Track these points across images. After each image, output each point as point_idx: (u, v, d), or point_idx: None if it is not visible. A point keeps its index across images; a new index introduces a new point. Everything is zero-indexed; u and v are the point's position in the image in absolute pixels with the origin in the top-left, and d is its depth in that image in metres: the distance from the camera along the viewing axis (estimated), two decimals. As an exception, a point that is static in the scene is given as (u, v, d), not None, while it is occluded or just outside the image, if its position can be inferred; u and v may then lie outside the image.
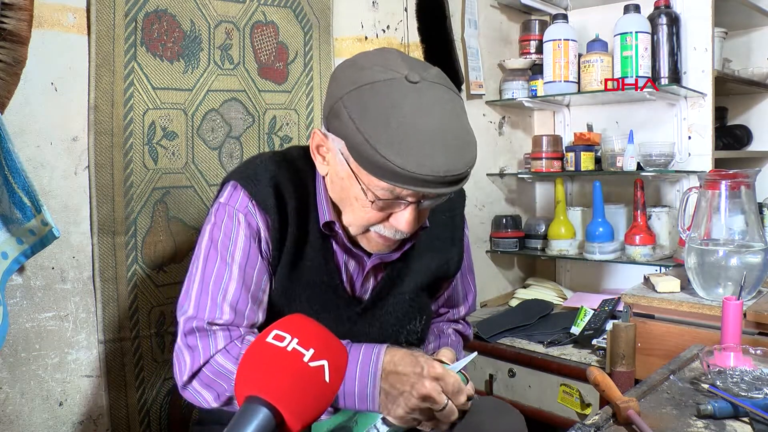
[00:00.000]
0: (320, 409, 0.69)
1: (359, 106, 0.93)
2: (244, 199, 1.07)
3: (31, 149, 1.30)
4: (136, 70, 1.43)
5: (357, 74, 0.96)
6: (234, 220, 1.06)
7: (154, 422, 1.49)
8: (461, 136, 0.97)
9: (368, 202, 0.98)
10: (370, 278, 1.17)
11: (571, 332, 1.95)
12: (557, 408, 1.82)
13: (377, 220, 1.02)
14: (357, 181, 0.97)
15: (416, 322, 1.20)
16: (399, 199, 0.97)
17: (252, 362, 0.69)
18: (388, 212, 1.01)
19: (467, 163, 0.96)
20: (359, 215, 1.02)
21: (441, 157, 0.92)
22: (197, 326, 1.02)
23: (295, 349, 0.69)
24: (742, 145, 2.63)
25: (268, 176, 1.08)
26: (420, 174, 0.91)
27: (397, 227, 1.02)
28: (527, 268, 2.67)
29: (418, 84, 0.94)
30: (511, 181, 2.56)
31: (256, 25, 1.65)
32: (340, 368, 0.72)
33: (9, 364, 1.28)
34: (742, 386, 0.98)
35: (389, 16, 2.03)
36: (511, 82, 2.39)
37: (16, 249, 1.22)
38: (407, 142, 0.91)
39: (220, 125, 1.59)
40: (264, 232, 1.07)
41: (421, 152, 0.91)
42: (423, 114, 0.93)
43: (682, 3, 2.20)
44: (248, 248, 1.06)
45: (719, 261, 1.50)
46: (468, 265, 1.36)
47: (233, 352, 1.00)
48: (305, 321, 0.74)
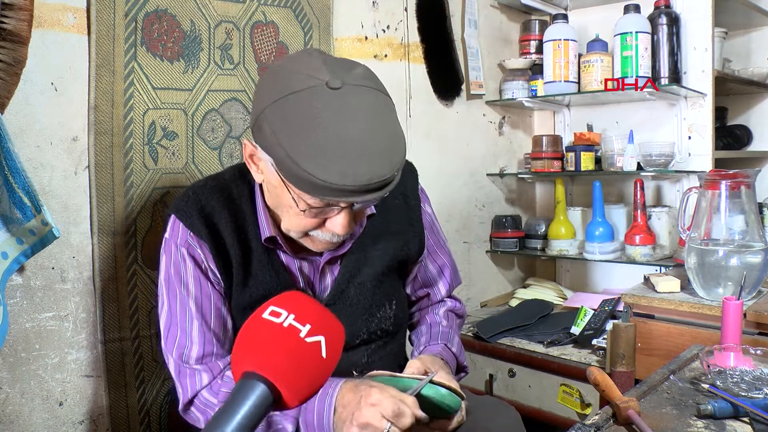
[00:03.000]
0: (317, 385, 0.70)
1: (280, 119, 0.93)
2: (183, 233, 1.11)
3: (31, 149, 1.30)
4: (136, 70, 1.43)
5: (278, 84, 0.96)
6: (180, 256, 1.11)
7: (154, 422, 1.49)
8: (386, 140, 0.96)
9: (300, 211, 1.00)
10: (327, 274, 1.18)
11: (571, 332, 1.95)
12: (557, 408, 1.82)
13: (313, 225, 1.04)
14: (288, 191, 0.99)
15: (386, 309, 1.22)
16: (330, 206, 0.99)
17: (248, 338, 0.69)
18: (323, 218, 1.02)
19: (393, 167, 0.95)
20: (295, 222, 1.04)
21: (364, 166, 0.91)
22: (178, 365, 1.11)
23: (292, 324, 0.69)
24: (742, 145, 2.63)
25: (198, 207, 1.11)
26: (344, 185, 0.91)
27: (333, 231, 1.03)
28: (527, 268, 2.67)
29: (341, 90, 0.93)
30: (511, 181, 2.56)
31: (256, 25, 1.65)
32: (336, 344, 0.72)
33: (9, 364, 1.28)
34: (742, 386, 0.98)
35: (389, 16, 2.03)
36: (511, 82, 2.39)
37: (16, 249, 1.22)
38: (329, 154, 0.90)
39: (221, 125, 1.59)
40: (208, 262, 1.11)
41: (343, 162, 0.91)
42: (345, 121, 0.92)
43: (682, 3, 2.20)
44: (198, 281, 1.11)
45: (719, 261, 1.50)
46: (436, 242, 1.35)
47: (215, 389, 1.09)
48: (301, 297, 0.74)
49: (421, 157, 2.14)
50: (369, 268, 1.19)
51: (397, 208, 1.24)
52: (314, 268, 1.17)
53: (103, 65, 1.38)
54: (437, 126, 2.22)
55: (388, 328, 1.23)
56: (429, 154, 2.19)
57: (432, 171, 2.20)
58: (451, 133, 2.27)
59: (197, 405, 1.09)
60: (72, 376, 1.38)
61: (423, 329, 1.32)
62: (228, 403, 0.64)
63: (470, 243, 2.39)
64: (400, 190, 1.23)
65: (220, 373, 1.10)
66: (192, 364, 1.10)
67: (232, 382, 1.07)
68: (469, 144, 2.35)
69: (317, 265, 1.17)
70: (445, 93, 2.23)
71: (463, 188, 2.34)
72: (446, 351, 1.24)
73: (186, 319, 1.10)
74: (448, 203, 2.28)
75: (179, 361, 1.10)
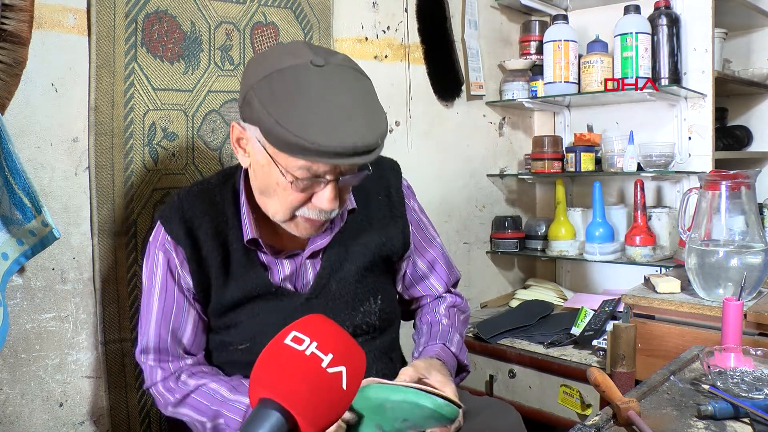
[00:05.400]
0: (335, 417, 0.68)
1: (269, 92, 0.98)
2: (162, 237, 1.17)
3: (32, 150, 1.30)
4: (136, 71, 1.43)
5: (265, 64, 1.01)
6: (155, 259, 1.17)
7: (155, 423, 1.49)
8: (369, 111, 1.02)
9: (288, 184, 1.02)
10: (308, 270, 1.20)
11: (571, 333, 1.95)
12: (558, 409, 1.82)
13: (300, 201, 1.06)
14: (275, 165, 1.02)
15: (370, 303, 1.23)
16: (317, 177, 1.02)
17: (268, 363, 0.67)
18: (309, 193, 1.05)
19: (378, 135, 1.00)
20: (283, 199, 1.06)
21: (349, 130, 0.96)
22: (138, 356, 1.20)
23: (314, 353, 0.67)
24: (742, 146, 2.63)
25: (180, 213, 1.16)
26: (330, 146, 0.94)
27: (319, 206, 1.05)
28: (527, 269, 2.67)
29: (324, 67, 0.99)
30: (512, 182, 2.56)
31: (256, 26, 1.65)
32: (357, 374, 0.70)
33: (9, 365, 1.28)
34: (743, 387, 0.98)
35: (389, 16, 2.03)
36: (511, 82, 2.39)
37: (17, 250, 1.22)
38: (316, 120, 0.96)
39: (221, 126, 1.59)
40: (180, 268, 1.16)
41: (329, 127, 0.96)
42: (330, 93, 0.98)
43: (682, 4, 2.20)
44: (165, 285, 1.17)
45: (719, 262, 1.50)
46: (424, 237, 1.34)
47: (166, 387, 1.17)
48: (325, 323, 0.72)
49: (421, 157, 2.15)
50: (350, 263, 1.21)
51: (379, 203, 1.26)
52: (295, 264, 1.19)
53: (104, 66, 1.38)
54: (437, 127, 2.22)
55: (374, 323, 1.23)
56: (429, 154, 2.19)
57: (432, 172, 2.21)
58: (452, 134, 2.28)
59: (154, 393, 1.19)
60: (72, 377, 1.38)
61: (423, 329, 1.31)
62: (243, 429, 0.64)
63: (470, 244, 2.39)
64: (383, 185, 1.26)
65: (171, 375, 1.17)
66: (149, 359, 1.18)
67: (187, 388, 1.15)
68: (469, 145, 2.35)
69: (299, 261, 1.19)
70: (446, 94, 2.23)
71: (464, 189, 2.34)
72: (444, 351, 1.23)
73: (149, 316, 1.18)
74: (448, 204, 2.28)
75: (139, 353, 1.20)
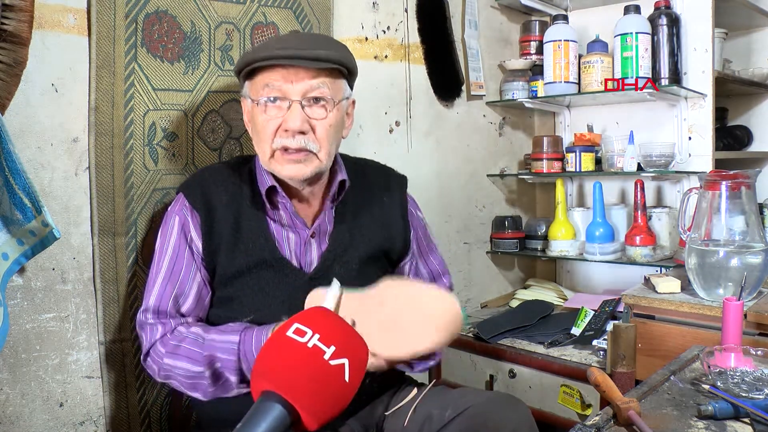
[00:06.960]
0: (338, 408, 0.67)
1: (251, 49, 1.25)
2: (180, 203, 1.28)
3: (32, 150, 1.30)
4: (136, 71, 1.43)
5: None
6: (171, 224, 1.27)
7: (155, 423, 1.49)
8: (327, 40, 1.26)
9: (262, 107, 1.20)
10: (313, 248, 1.29)
11: (571, 333, 1.95)
12: (558, 409, 1.82)
13: (274, 127, 1.20)
14: (251, 101, 1.23)
15: None
16: (283, 97, 1.19)
17: (271, 356, 0.67)
18: (281, 116, 1.19)
19: (325, 48, 1.19)
20: (262, 129, 1.21)
21: (294, 41, 1.20)
22: (140, 319, 1.24)
23: (316, 345, 0.67)
24: (742, 146, 2.63)
25: (200, 182, 1.29)
26: (275, 53, 1.17)
27: (286, 126, 1.18)
28: (527, 269, 2.67)
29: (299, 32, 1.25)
30: (512, 182, 2.56)
31: (256, 26, 1.65)
32: (360, 366, 0.69)
33: (9, 365, 1.28)
34: (743, 387, 0.98)
35: (389, 17, 2.03)
36: (511, 82, 2.39)
37: (17, 250, 1.22)
38: (272, 41, 1.23)
39: (221, 126, 1.59)
40: (195, 231, 1.25)
41: (280, 42, 1.21)
42: (295, 34, 1.26)
43: (682, 3, 2.20)
44: (178, 246, 1.25)
45: (720, 262, 1.50)
46: (429, 246, 1.48)
47: (165, 341, 1.20)
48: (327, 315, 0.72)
49: (421, 157, 2.15)
50: (354, 250, 1.31)
51: (384, 202, 1.38)
52: (301, 240, 1.28)
53: (104, 66, 1.38)
54: (437, 127, 2.22)
55: None
56: (429, 154, 2.19)
57: (432, 172, 2.20)
58: (452, 134, 2.27)
59: (152, 356, 1.21)
60: (72, 377, 1.38)
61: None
62: (245, 422, 0.63)
63: (470, 244, 2.39)
64: (388, 191, 1.40)
65: (171, 330, 1.21)
66: (149, 318, 1.22)
67: (181, 335, 1.19)
68: (469, 145, 2.35)
69: (303, 238, 1.28)
70: (446, 94, 2.23)
71: (464, 189, 2.34)
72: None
73: (156, 277, 1.24)
74: (448, 204, 2.28)
75: (140, 314, 1.24)
